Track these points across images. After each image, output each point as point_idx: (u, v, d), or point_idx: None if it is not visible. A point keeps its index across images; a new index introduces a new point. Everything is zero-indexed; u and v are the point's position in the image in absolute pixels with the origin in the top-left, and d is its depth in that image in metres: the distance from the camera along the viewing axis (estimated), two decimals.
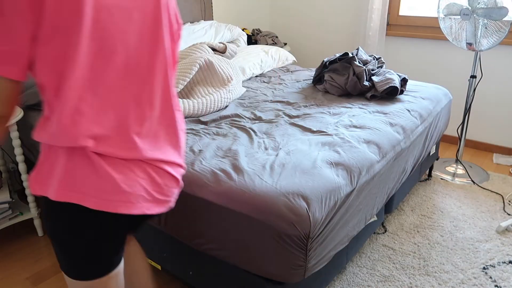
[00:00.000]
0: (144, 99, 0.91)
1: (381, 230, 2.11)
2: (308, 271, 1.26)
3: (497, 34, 2.29)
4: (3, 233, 2.18)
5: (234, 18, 3.63)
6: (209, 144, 1.60)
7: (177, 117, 1.02)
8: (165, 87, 0.97)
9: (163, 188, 0.96)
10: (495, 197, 2.41)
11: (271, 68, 2.86)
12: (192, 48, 2.34)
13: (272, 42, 3.47)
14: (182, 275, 1.58)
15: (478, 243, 2.00)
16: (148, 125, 0.93)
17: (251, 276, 1.32)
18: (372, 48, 3.26)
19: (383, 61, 2.44)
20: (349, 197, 1.37)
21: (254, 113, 1.98)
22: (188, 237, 1.40)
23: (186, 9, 3.02)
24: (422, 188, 2.53)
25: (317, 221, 1.20)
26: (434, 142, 2.28)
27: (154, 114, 0.94)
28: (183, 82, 2.01)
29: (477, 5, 2.27)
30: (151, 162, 0.93)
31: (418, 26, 3.18)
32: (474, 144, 3.16)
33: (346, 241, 1.45)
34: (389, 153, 1.66)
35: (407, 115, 1.97)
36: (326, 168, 1.40)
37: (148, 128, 0.93)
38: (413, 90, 2.34)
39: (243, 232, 1.24)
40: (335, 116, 1.94)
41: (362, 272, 1.82)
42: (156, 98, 0.94)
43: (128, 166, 0.89)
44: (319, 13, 3.67)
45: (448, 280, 1.76)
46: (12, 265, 1.94)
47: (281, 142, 1.62)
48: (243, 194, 1.25)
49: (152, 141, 0.94)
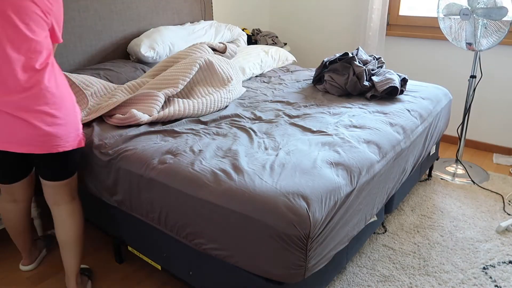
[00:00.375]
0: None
1: (381, 230, 2.11)
2: (308, 271, 1.26)
3: (496, 34, 2.30)
4: (3, 233, 2.18)
5: (234, 18, 3.63)
6: (209, 144, 1.60)
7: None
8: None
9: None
10: (495, 197, 2.41)
11: (271, 68, 2.86)
12: (192, 48, 2.34)
13: (272, 42, 3.47)
14: (182, 275, 1.58)
15: (478, 243, 2.00)
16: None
17: (251, 276, 1.32)
18: (372, 48, 3.26)
19: (383, 61, 2.44)
20: (349, 197, 1.37)
21: (254, 113, 1.98)
22: (188, 237, 1.41)
23: (186, 9, 3.02)
24: (422, 188, 2.53)
25: (317, 221, 1.20)
26: (434, 142, 2.28)
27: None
28: (183, 82, 2.02)
29: (477, 5, 2.27)
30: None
31: (418, 26, 3.19)
32: (474, 144, 3.16)
33: (346, 241, 1.46)
34: (389, 153, 1.66)
35: (407, 115, 1.97)
36: (326, 168, 1.40)
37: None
38: (413, 90, 2.34)
39: (243, 232, 1.24)
40: (335, 116, 1.94)
41: (362, 272, 1.82)
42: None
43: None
44: (319, 13, 3.67)
45: (448, 280, 1.76)
46: (12, 265, 1.94)
47: (281, 142, 1.62)
48: (243, 194, 1.25)
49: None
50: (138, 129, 1.76)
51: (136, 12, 2.66)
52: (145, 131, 1.73)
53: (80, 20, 2.37)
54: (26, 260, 1.88)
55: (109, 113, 1.87)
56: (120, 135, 1.70)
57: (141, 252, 1.73)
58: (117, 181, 1.59)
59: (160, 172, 1.44)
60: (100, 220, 1.89)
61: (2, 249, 2.05)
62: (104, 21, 2.49)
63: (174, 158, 1.48)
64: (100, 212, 1.84)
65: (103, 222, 1.87)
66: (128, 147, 1.60)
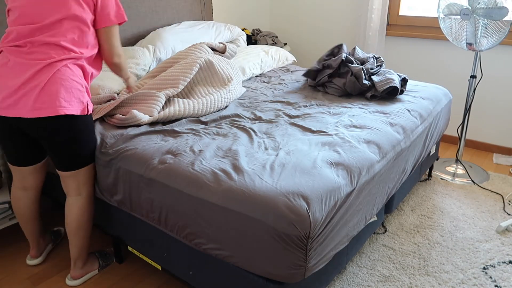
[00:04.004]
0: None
1: (381, 230, 2.11)
2: (308, 271, 1.26)
3: (497, 34, 2.30)
4: (3, 233, 2.18)
5: (234, 18, 3.63)
6: (209, 144, 1.60)
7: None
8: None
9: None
10: (495, 197, 2.41)
11: (271, 68, 2.86)
12: (192, 48, 2.34)
13: (272, 42, 3.47)
14: (182, 275, 1.58)
15: (478, 243, 2.00)
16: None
17: (251, 276, 1.32)
18: (372, 48, 3.26)
19: (382, 60, 2.43)
20: (349, 197, 1.37)
21: (254, 113, 1.98)
22: (188, 237, 1.41)
23: (186, 9, 3.02)
24: (422, 188, 2.53)
25: (317, 221, 1.20)
26: (434, 142, 2.28)
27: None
28: (184, 82, 2.02)
29: (477, 5, 2.27)
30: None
31: (418, 26, 3.19)
32: (474, 144, 3.16)
33: (346, 241, 1.46)
34: (389, 153, 1.66)
35: (407, 115, 1.97)
36: (326, 168, 1.40)
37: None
38: (413, 90, 2.34)
39: (243, 232, 1.24)
40: (335, 116, 1.94)
41: (362, 272, 1.82)
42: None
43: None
44: (319, 13, 3.67)
45: (448, 280, 1.76)
46: (12, 265, 1.94)
47: (281, 142, 1.62)
48: (243, 194, 1.25)
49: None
50: (139, 129, 1.76)
51: (136, 12, 2.66)
52: (146, 131, 1.73)
53: None
54: (33, 252, 1.93)
55: (110, 113, 1.87)
56: (121, 135, 1.70)
57: (141, 252, 1.73)
58: (117, 181, 1.59)
59: (160, 172, 1.44)
60: (100, 220, 1.89)
61: (2, 249, 2.05)
62: None
63: (174, 158, 1.48)
64: (100, 212, 1.84)
65: (103, 222, 1.87)
66: (128, 147, 1.60)
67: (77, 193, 1.66)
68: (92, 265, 1.84)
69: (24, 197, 1.75)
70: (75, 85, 1.49)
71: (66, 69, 1.47)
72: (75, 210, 1.66)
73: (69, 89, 1.47)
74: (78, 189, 1.65)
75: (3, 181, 2.07)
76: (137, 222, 1.65)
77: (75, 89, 1.49)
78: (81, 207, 1.67)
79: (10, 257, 2.00)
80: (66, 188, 1.66)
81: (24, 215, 1.78)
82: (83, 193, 1.67)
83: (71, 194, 1.66)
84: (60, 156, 1.57)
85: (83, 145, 1.59)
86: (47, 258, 1.97)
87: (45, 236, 2.00)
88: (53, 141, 1.52)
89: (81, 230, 1.70)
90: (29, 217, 1.79)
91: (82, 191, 1.66)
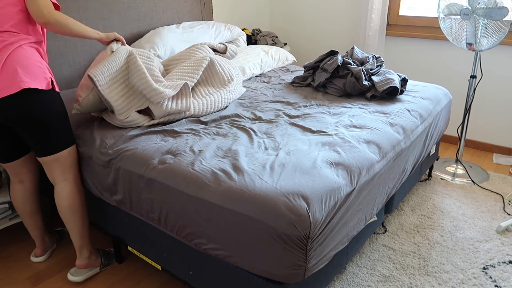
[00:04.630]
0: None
1: (381, 230, 2.11)
2: (308, 271, 1.26)
3: (497, 34, 2.30)
4: (3, 233, 2.18)
5: (234, 18, 3.63)
6: (209, 144, 1.60)
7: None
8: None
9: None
10: (495, 197, 2.41)
11: (271, 68, 2.86)
12: (193, 48, 2.34)
13: (272, 42, 3.47)
14: (182, 275, 1.58)
15: (478, 243, 2.00)
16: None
17: (251, 276, 1.32)
18: (372, 48, 3.26)
19: (382, 60, 2.44)
20: (349, 197, 1.37)
21: (254, 113, 1.98)
22: (188, 237, 1.41)
23: (186, 9, 3.02)
24: (422, 188, 2.53)
25: (317, 221, 1.20)
26: (434, 142, 2.28)
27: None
28: (191, 83, 2.00)
29: (477, 5, 2.27)
30: None
31: (418, 26, 3.19)
32: (474, 144, 3.16)
33: (346, 241, 1.46)
34: (389, 153, 1.66)
35: (407, 115, 1.97)
36: (326, 168, 1.40)
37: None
38: (413, 90, 2.34)
39: (243, 232, 1.24)
40: (335, 116, 1.94)
41: (362, 272, 1.82)
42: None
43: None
44: (319, 13, 3.67)
45: (448, 280, 1.76)
46: (12, 265, 1.94)
47: (281, 142, 1.62)
48: (243, 194, 1.25)
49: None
50: (138, 129, 1.76)
51: (136, 12, 2.66)
52: (145, 131, 1.74)
53: (80, 20, 2.37)
54: (38, 250, 1.95)
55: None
56: (121, 135, 1.70)
57: (141, 252, 1.73)
58: (117, 181, 1.59)
59: (160, 172, 1.44)
60: (100, 220, 1.89)
61: (2, 249, 2.05)
62: (104, 21, 2.49)
63: (174, 158, 1.48)
64: (100, 212, 1.84)
65: (103, 222, 1.87)
66: (128, 147, 1.60)
67: (63, 179, 1.66)
68: (96, 260, 1.85)
69: (21, 189, 1.77)
70: (33, 62, 1.49)
71: (20, 50, 1.48)
72: (65, 195, 1.67)
73: (28, 67, 1.47)
74: (64, 174, 1.65)
75: (3, 181, 2.07)
76: (137, 222, 1.65)
77: (34, 66, 1.49)
78: (70, 192, 1.67)
79: (10, 257, 2.00)
80: (52, 176, 1.66)
81: (25, 209, 1.80)
82: (70, 178, 1.67)
83: (58, 180, 1.66)
84: (36, 138, 1.55)
85: (56, 123, 1.57)
86: (47, 258, 1.97)
87: (50, 235, 2.02)
88: (25, 122, 1.50)
89: (76, 214, 1.70)
90: (29, 211, 1.81)
91: (68, 176, 1.67)
